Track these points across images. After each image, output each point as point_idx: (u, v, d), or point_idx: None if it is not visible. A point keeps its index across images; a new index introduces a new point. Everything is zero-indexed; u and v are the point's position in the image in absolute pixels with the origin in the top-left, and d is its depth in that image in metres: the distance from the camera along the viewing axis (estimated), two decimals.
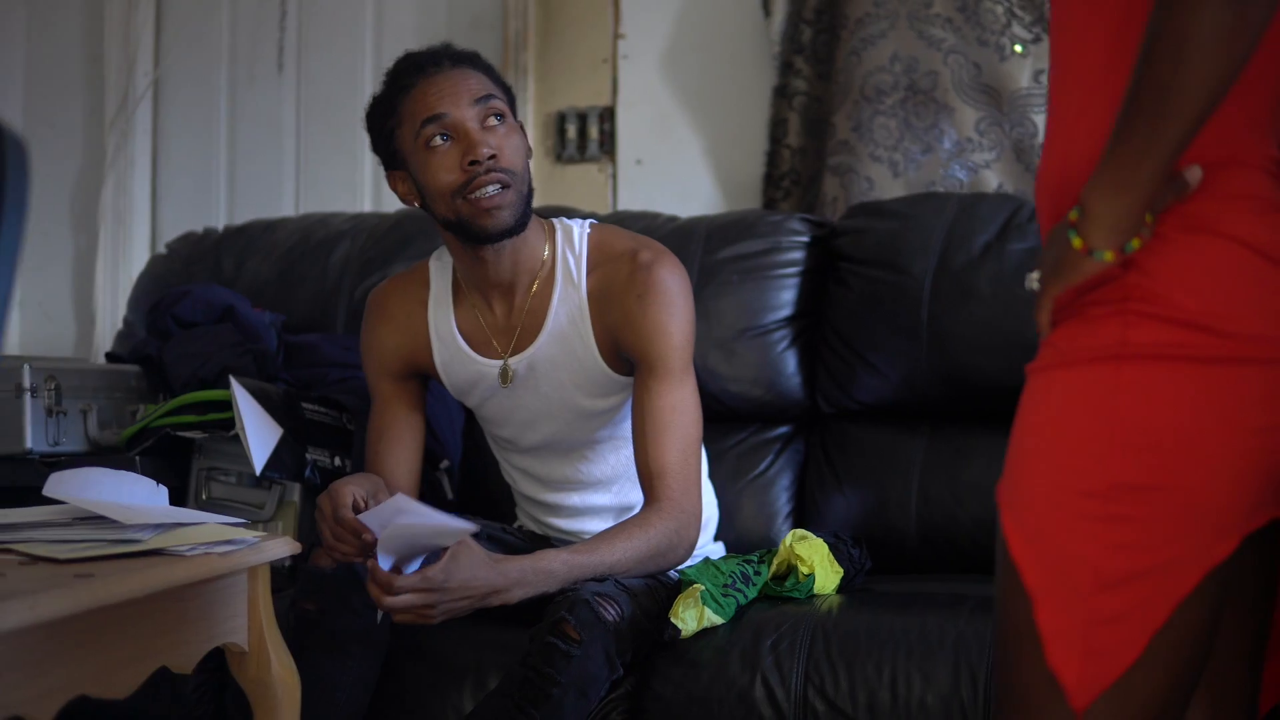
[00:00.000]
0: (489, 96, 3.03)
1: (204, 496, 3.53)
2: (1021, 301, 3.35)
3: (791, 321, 3.78)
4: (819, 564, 3.18)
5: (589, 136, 4.72)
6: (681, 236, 3.86)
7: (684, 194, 4.58)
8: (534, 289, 3.13)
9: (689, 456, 3.03)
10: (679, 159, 4.64)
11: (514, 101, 3.13)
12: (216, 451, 3.55)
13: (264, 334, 3.87)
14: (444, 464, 3.68)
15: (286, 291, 4.25)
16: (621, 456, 3.21)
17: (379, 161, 3.17)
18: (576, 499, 3.27)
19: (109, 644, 2.14)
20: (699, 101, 4.63)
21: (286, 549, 2.50)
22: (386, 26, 5.10)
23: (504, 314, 3.17)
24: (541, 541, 3.24)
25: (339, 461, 3.49)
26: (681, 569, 3.06)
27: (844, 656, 2.84)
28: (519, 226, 3.04)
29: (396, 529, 2.69)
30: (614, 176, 4.71)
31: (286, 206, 5.21)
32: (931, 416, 3.66)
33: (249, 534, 2.44)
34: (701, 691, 2.87)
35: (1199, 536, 1.76)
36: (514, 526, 3.38)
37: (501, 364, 3.16)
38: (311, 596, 2.89)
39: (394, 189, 3.15)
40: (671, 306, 3.05)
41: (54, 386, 3.57)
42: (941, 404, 3.61)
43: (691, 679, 2.89)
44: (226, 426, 3.49)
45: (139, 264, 5.15)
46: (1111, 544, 1.76)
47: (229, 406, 3.41)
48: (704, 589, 2.95)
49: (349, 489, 2.88)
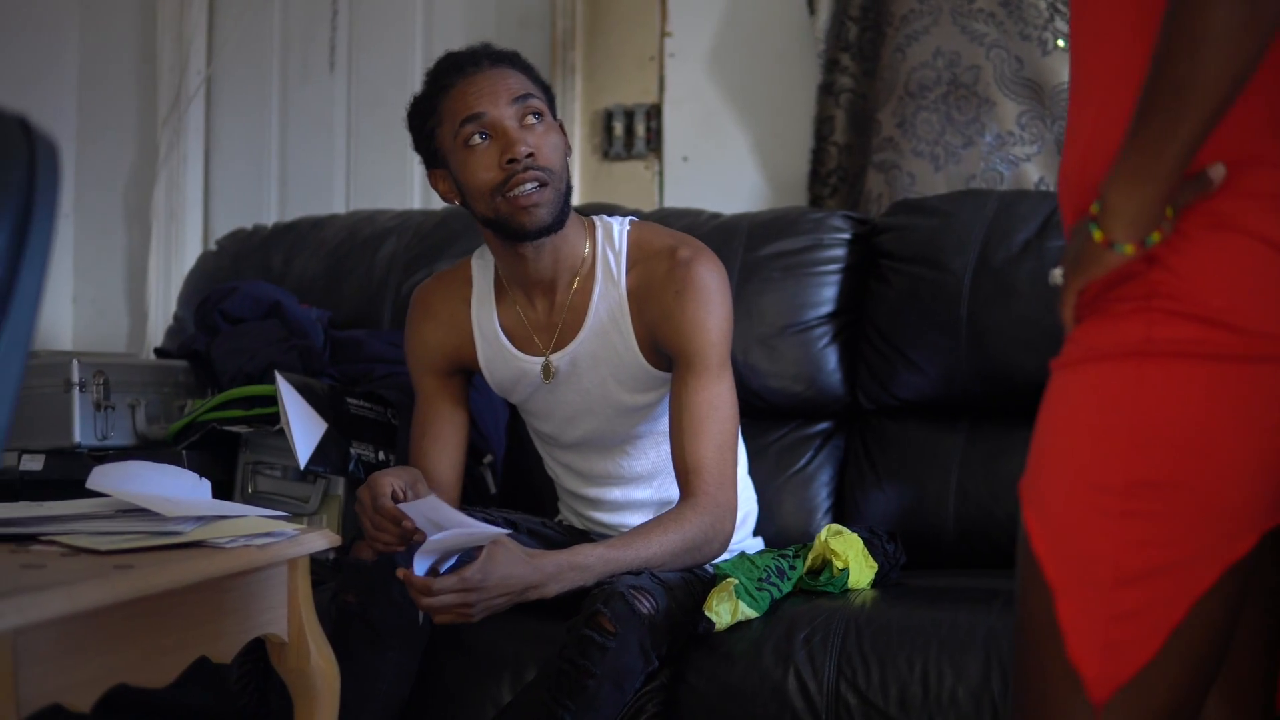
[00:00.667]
0: (527, 96, 3.05)
1: (250, 490, 3.56)
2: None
3: (832, 318, 3.79)
4: (853, 559, 3.20)
5: (635, 134, 4.74)
6: (724, 234, 3.87)
7: (730, 191, 4.59)
8: (575, 286, 3.16)
9: (725, 452, 3.05)
10: (725, 156, 4.65)
11: (553, 100, 3.15)
12: (262, 446, 3.58)
13: (310, 330, 3.89)
14: (487, 458, 3.69)
15: (333, 288, 4.29)
16: (661, 452, 3.22)
17: (420, 160, 3.21)
18: (617, 493, 3.29)
19: (148, 634, 2.16)
20: (745, 99, 4.63)
21: (325, 541, 2.52)
22: (436, 26, 5.13)
23: (545, 311, 3.19)
24: (582, 536, 3.25)
25: (383, 456, 3.52)
26: (717, 563, 3.08)
27: (876, 650, 2.85)
28: (557, 224, 3.06)
29: (432, 543, 2.74)
30: (660, 173, 4.72)
31: (337, 203, 5.24)
32: (970, 413, 3.67)
33: (288, 527, 2.47)
34: (735, 684, 2.89)
35: (1218, 533, 1.77)
36: (555, 521, 3.40)
37: (543, 360, 3.18)
38: (353, 589, 2.92)
39: (435, 187, 3.18)
40: (709, 303, 3.07)
41: (103, 381, 3.61)
42: (980, 400, 3.62)
43: (725, 671, 2.90)
44: (272, 421, 3.52)
45: (191, 261, 5.18)
46: (1131, 540, 1.77)
47: (275, 401, 3.43)
48: (738, 583, 2.97)
49: (388, 480, 2.90)
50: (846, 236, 3.85)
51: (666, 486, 3.24)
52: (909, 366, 3.69)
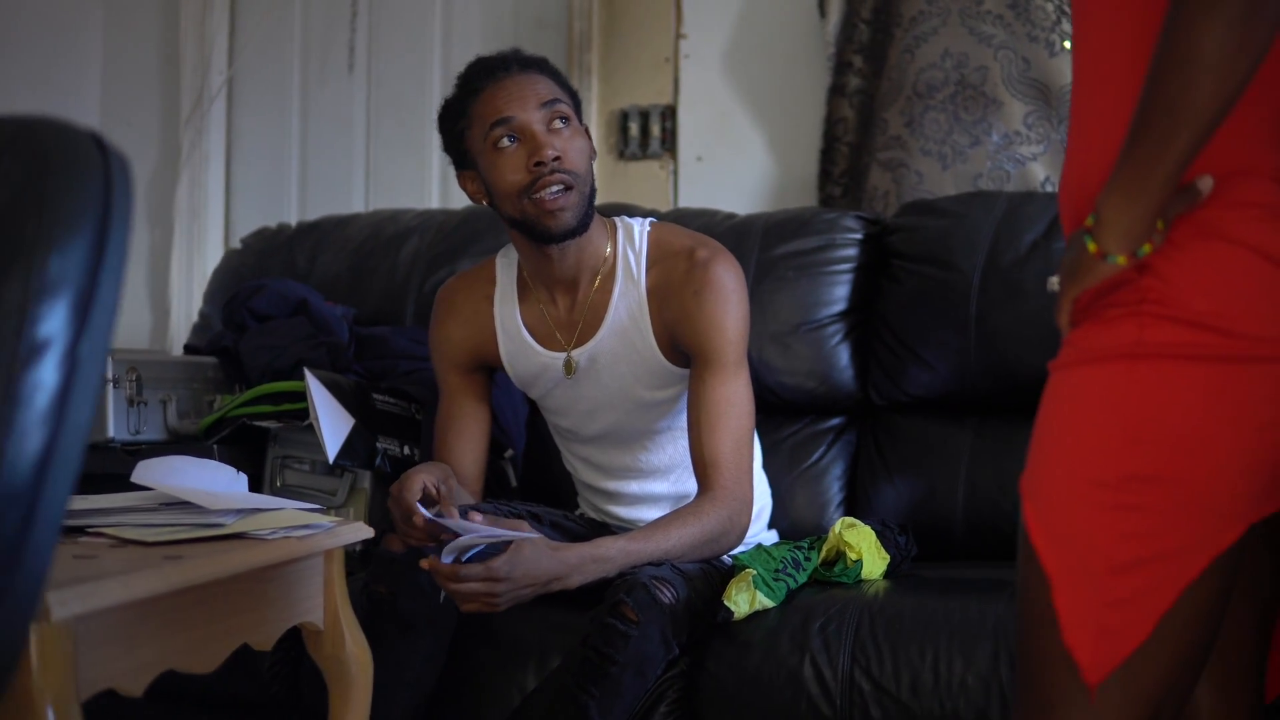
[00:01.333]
0: (555, 101, 3.10)
1: (278, 484, 3.60)
2: None
3: (845, 316, 3.83)
4: (866, 550, 3.25)
5: (651, 134, 4.79)
6: (739, 233, 3.91)
7: (743, 190, 4.64)
8: (596, 284, 3.21)
9: (741, 447, 3.10)
10: (738, 156, 4.70)
11: (579, 105, 3.20)
12: (291, 440, 3.62)
13: (336, 327, 3.93)
14: (508, 453, 3.73)
15: (357, 285, 4.33)
16: (679, 446, 3.27)
17: (449, 161, 3.25)
18: (635, 487, 3.34)
19: (195, 622, 2.24)
20: (758, 100, 4.68)
21: (360, 534, 2.59)
22: (454, 28, 5.18)
23: (567, 308, 3.24)
24: (601, 528, 3.31)
25: (408, 450, 3.56)
26: (735, 554, 3.14)
27: (889, 638, 2.90)
28: (581, 227, 3.12)
29: (458, 544, 2.81)
30: (675, 173, 4.77)
31: (356, 203, 5.28)
32: (979, 409, 3.71)
33: (324, 519, 2.53)
34: (753, 671, 2.94)
35: (1205, 525, 1.83)
36: (575, 514, 3.45)
37: (565, 356, 3.23)
38: (383, 580, 2.97)
39: (463, 188, 3.23)
40: (727, 303, 3.12)
41: (135, 377, 3.66)
42: (989, 397, 3.66)
43: (743, 659, 2.96)
44: (301, 416, 3.57)
45: (213, 258, 5.26)
46: (1123, 531, 1.83)
47: (303, 397, 3.48)
48: (756, 573, 3.02)
49: (420, 477, 2.96)
50: (859, 236, 3.89)
51: (684, 480, 3.28)
52: (919, 363, 3.73)
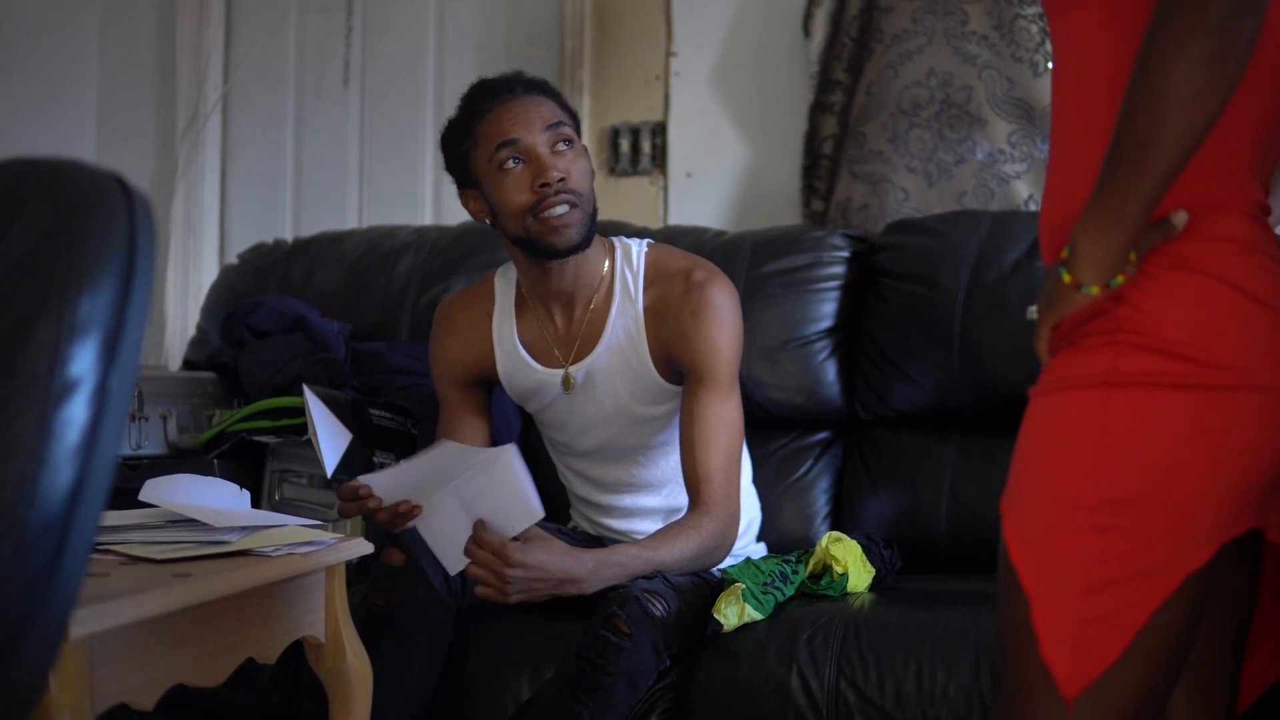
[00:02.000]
0: (559, 123, 3.16)
1: (276, 498, 3.66)
2: None
3: (832, 333, 3.87)
4: (852, 564, 3.29)
5: (641, 150, 4.83)
6: (728, 251, 3.95)
7: (732, 205, 4.70)
8: (593, 302, 3.27)
9: (732, 464, 3.16)
10: (727, 172, 4.75)
11: (579, 125, 3.25)
12: (289, 455, 3.68)
13: (333, 343, 3.97)
14: None
15: (353, 301, 4.36)
16: (671, 461, 3.32)
17: (452, 180, 3.29)
18: (629, 500, 3.39)
19: (203, 637, 2.31)
20: (747, 117, 4.73)
21: (361, 549, 2.65)
22: (448, 44, 5.23)
23: (564, 325, 3.30)
24: (595, 541, 3.36)
25: None
26: (724, 568, 3.19)
27: (874, 650, 2.94)
28: (584, 243, 3.18)
29: (397, 472, 2.89)
30: (665, 189, 4.81)
31: (350, 218, 5.32)
32: (963, 424, 3.75)
33: (326, 536, 2.59)
34: (742, 682, 2.98)
35: (1179, 546, 1.89)
36: (568, 527, 3.50)
37: (562, 372, 3.29)
38: (382, 593, 3.03)
39: (466, 206, 3.29)
40: (721, 324, 3.19)
41: (137, 393, 3.72)
42: (972, 412, 3.71)
43: (733, 670, 3.00)
44: (299, 431, 3.62)
45: (208, 272, 5.30)
46: (1100, 551, 1.90)
47: (301, 413, 3.51)
48: (745, 587, 3.07)
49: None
50: (845, 254, 3.92)
51: (675, 494, 3.34)
52: (904, 379, 3.77)
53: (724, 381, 3.19)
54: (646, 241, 3.35)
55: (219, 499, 2.74)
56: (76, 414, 1.42)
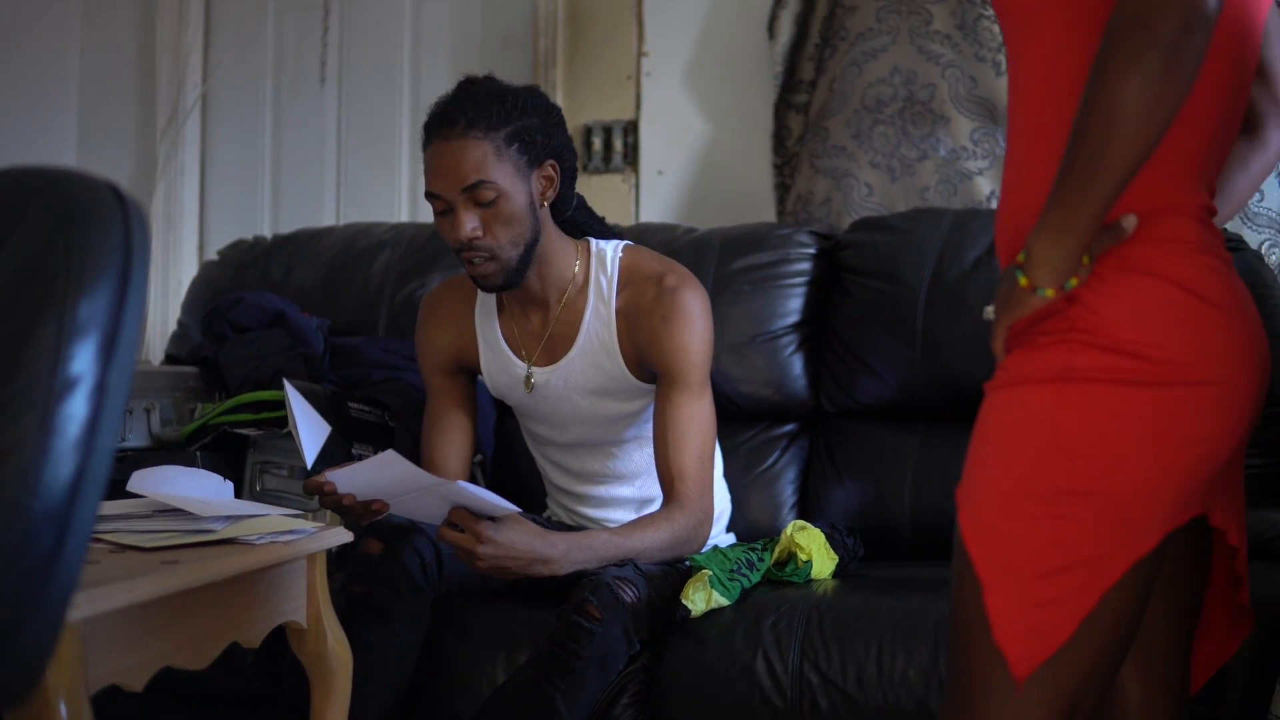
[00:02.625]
0: (478, 184, 3.15)
1: (258, 489, 3.70)
2: None
3: (798, 328, 3.94)
4: (816, 551, 3.36)
5: (614, 149, 4.89)
6: (698, 248, 4.01)
7: (702, 202, 4.76)
8: (564, 301, 3.33)
9: (704, 461, 3.24)
10: (697, 169, 4.80)
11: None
12: (270, 447, 3.71)
13: (312, 338, 4.00)
14: (478, 457, 3.78)
15: (331, 296, 4.39)
16: (645, 453, 3.40)
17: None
18: (603, 490, 3.46)
19: (191, 622, 2.37)
20: (716, 116, 4.79)
21: (341, 538, 2.71)
22: (423, 44, 5.28)
23: (540, 323, 3.37)
24: (571, 530, 3.39)
25: None
26: (692, 556, 3.25)
27: (836, 634, 3.01)
28: (509, 285, 3.25)
29: (355, 470, 2.93)
30: (637, 186, 4.87)
31: (328, 215, 5.37)
32: (925, 416, 3.83)
33: (307, 525, 2.65)
34: (709, 665, 3.05)
35: (1125, 534, 1.96)
36: (543, 515, 3.55)
37: (535, 370, 3.37)
38: (360, 580, 3.08)
39: None
40: (692, 328, 3.25)
41: None
42: (935, 405, 3.78)
43: (700, 654, 3.07)
44: (279, 424, 3.66)
45: (188, 267, 5.33)
46: (1050, 540, 1.96)
47: (281, 406, 3.56)
48: (712, 574, 3.14)
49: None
50: (811, 251, 3.98)
51: (648, 485, 3.41)
52: (869, 373, 3.84)
53: (695, 383, 3.26)
54: (623, 244, 3.40)
55: (204, 489, 2.79)
56: (77, 410, 1.50)
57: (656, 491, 3.31)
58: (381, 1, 5.37)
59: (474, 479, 3.79)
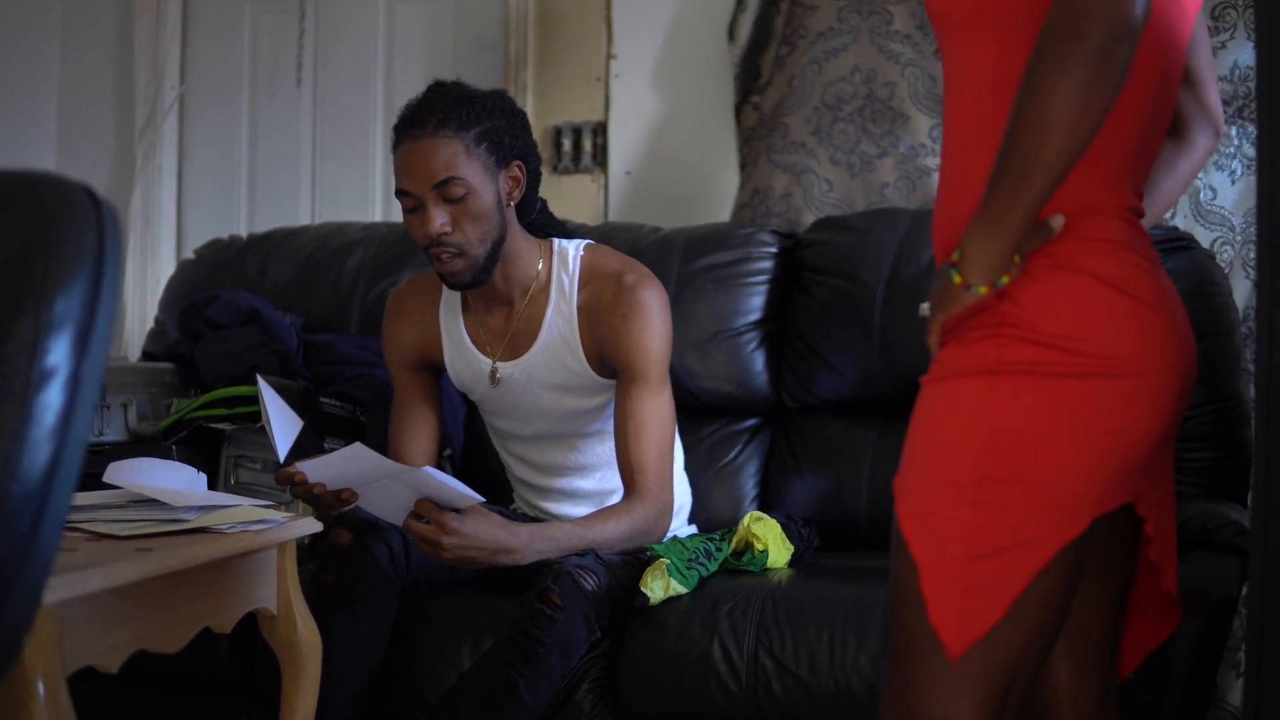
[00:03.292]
0: (448, 180, 3.22)
1: (232, 481, 3.75)
2: None
3: (760, 325, 3.99)
4: (773, 541, 3.42)
5: (583, 149, 4.93)
6: (662, 247, 4.06)
7: (669, 201, 4.80)
8: (528, 299, 3.39)
9: (664, 454, 3.31)
10: (665, 170, 4.86)
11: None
12: (244, 441, 3.77)
13: (286, 335, 4.05)
14: (447, 451, 3.83)
15: (305, 294, 4.43)
16: (605, 447, 3.46)
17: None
18: (564, 483, 3.53)
19: (164, 607, 2.45)
20: (683, 117, 4.84)
21: (310, 528, 2.79)
22: (397, 47, 5.33)
23: (504, 320, 3.43)
24: (536, 522, 3.41)
25: None
26: (652, 546, 3.31)
27: (790, 621, 3.07)
28: (476, 282, 3.31)
29: (324, 460, 2.99)
30: (605, 186, 4.92)
31: (303, 212, 5.42)
32: (882, 411, 3.86)
33: (278, 515, 2.72)
34: (667, 651, 3.12)
35: (1053, 520, 2.03)
36: (510, 508, 3.61)
37: (500, 365, 3.43)
38: (331, 570, 3.15)
39: None
40: (651, 325, 3.32)
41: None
42: (892, 400, 3.77)
43: (659, 641, 3.14)
44: (253, 419, 3.72)
45: (165, 266, 5.37)
46: (981, 525, 2.03)
47: (255, 401, 3.59)
48: (670, 563, 3.20)
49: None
50: (773, 250, 4.04)
51: (608, 478, 3.48)
52: (828, 369, 3.89)
53: (654, 378, 3.32)
54: (584, 243, 3.46)
55: (177, 481, 2.86)
56: (53, 399, 1.56)
57: (617, 484, 3.37)
58: (356, 4, 5.41)
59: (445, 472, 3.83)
